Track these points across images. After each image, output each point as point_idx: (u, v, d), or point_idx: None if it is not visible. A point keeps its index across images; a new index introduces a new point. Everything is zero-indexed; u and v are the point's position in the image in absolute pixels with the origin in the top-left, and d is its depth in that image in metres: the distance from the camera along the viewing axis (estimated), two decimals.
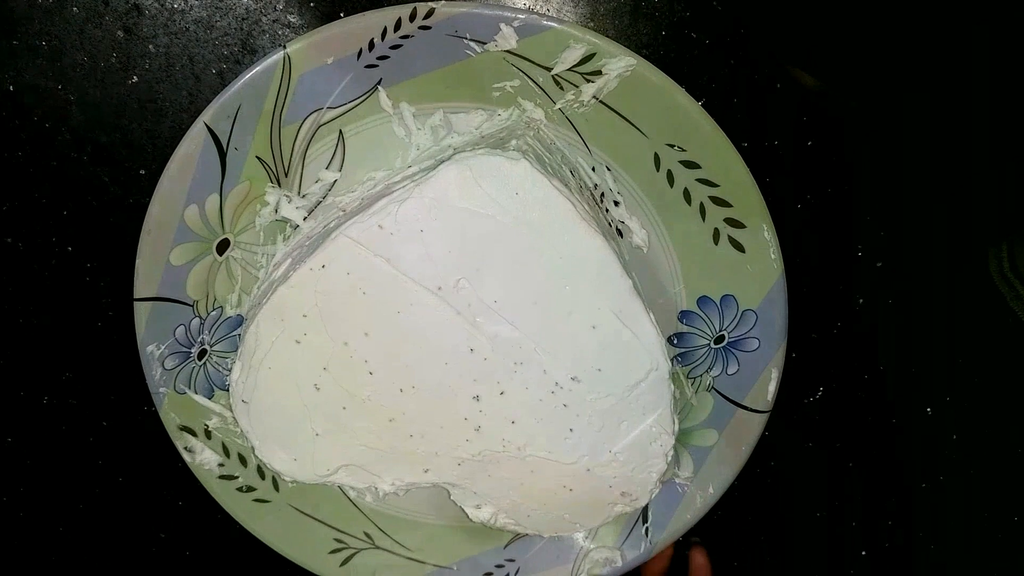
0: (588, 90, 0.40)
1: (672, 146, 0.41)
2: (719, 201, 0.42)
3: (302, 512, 0.47)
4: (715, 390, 0.45)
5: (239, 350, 0.41)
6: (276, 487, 0.47)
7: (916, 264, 0.47)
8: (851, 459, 0.51)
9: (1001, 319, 0.47)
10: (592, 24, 0.43)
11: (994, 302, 0.46)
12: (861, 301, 0.48)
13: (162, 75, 0.43)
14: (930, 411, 0.50)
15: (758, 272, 0.43)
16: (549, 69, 0.40)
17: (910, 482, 0.51)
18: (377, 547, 0.48)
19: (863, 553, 0.51)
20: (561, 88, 0.40)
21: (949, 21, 0.44)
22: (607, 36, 0.40)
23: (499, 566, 0.48)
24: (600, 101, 0.40)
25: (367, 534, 0.48)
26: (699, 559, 0.47)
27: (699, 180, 0.42)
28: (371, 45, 0.40)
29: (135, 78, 0.43)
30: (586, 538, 0.47)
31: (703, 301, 0.44)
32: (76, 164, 0.44)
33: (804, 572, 0.52)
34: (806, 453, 0.50)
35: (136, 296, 0.42)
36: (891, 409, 0.50)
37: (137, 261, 0.42)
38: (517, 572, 0.48)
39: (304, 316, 0.40)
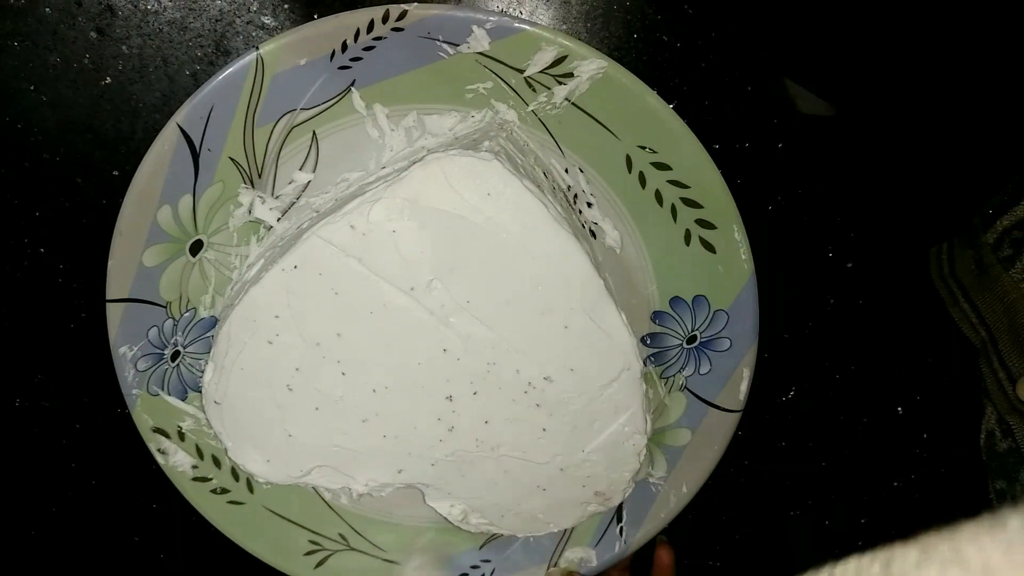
0: (560, 92, 0.41)
1: (644, 148, 0.41)
2: (690, 202, 0.42)
3: (277, 514, 0.47)
4: (688, 390, 0.46)
5: (212, 351, 0.41)
6: (251, 489, 0.47)
7: (886, 265, 0.48)
8: (823, 458, 0.51)
9: None
10: (564, 27, 0.43)
11: None
12: (832, 301, 0.48)
13: (135, 76, 0.43)
14: (901, 410, 0.50)
15: (729, 273, 0.43)
16: (521, 71, 0.40)
17: (882, 480, 0.52)
18: (352, 548, 0.48)
19: (836, 551, 0.51)
20: (533, 90, 0.41)
21: (918, 24, 0.44)
22: (579, 39, 0.40)
23: (475, 567, 0.48)
24: (572, 103, 0.41)
25: (342, 535, 0.47)
26: (664, 557, 0.47)
27: (670, 182, 0.42)
28: (344, 47, 0.40)
29: (108, 79, 0.43)
30: (561, 538, 0.47)
31: (675, 301, 0.44)
32: (48, 165, 0.44)
33: (778, 571, 0.52)
34: (779, 452, 0.51)
35: (108, 297, 0.42)
36: (862, 408, 0.50)
37: (109, 262, 0.42)
38: (493, 572, 0.48)
39: (276, 317, 0.40)
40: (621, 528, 0.47)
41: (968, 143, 0.46)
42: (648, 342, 0.45)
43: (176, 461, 0.45)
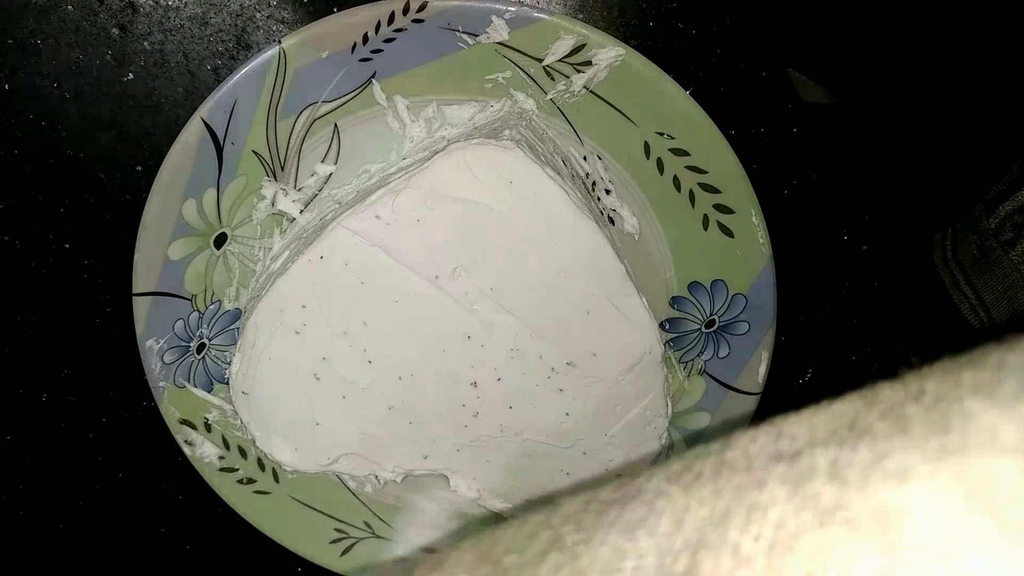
0: (578, 80, 0.41)
1: (661, 134, 0.42)
2: (708, 188, 0.43)
3: (303, 503, 0.48)
4: (707, 373, 0.46)
5: (239, 342, 0.42)
6: (276, 479, 0.47)
7: (900, 247, 0.48)
8: None
9: None
10: (582, 15, 0.44)
11: None
12: (847, 284, 0.49)
13: (157, 72, 0.44)
14: None
15: (747, 257, 0.44)
16: (540, 60, 0.41)
17: None
18: (377, 536, 0.48)
19: None
20: (552, 79, 0.41)
21: (929, 15, 0.45)
22: (596, 27, 0.40)
23: None
24: (590, 91, 0.41)
25: (367, 523, 0.48)
26: None
27: (688, 167, 0.42)
28: (365, 39, 0.40)
29: (130, 75, 0.44)
30: None
31: (694, 286, 0.45)
32: (72, 161, 0.45)
33: None
34: None
35: (135, 291, 0.43)
36: None
37: (136, 257, 0.42)
38: None
39: (303, 307, 0.40)
40: None
41: (973, 131, 0.47)
42: (667, 327, 0.46)
43: (203, 452, 0.46)
